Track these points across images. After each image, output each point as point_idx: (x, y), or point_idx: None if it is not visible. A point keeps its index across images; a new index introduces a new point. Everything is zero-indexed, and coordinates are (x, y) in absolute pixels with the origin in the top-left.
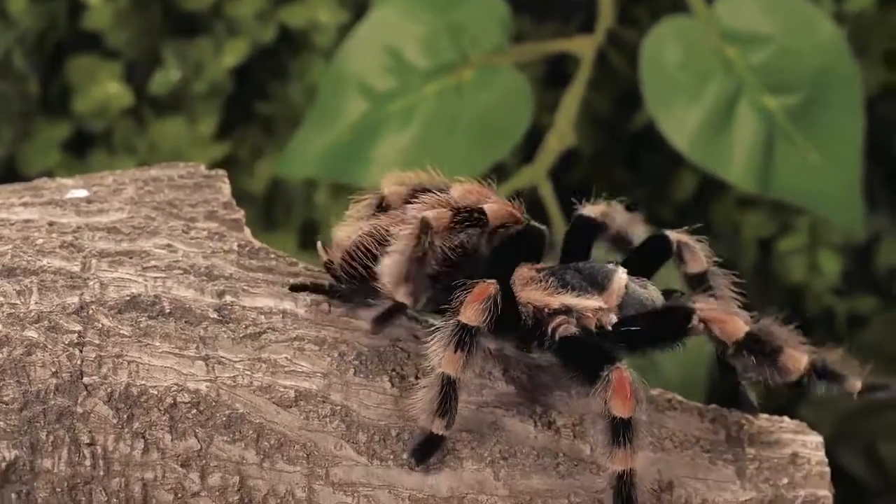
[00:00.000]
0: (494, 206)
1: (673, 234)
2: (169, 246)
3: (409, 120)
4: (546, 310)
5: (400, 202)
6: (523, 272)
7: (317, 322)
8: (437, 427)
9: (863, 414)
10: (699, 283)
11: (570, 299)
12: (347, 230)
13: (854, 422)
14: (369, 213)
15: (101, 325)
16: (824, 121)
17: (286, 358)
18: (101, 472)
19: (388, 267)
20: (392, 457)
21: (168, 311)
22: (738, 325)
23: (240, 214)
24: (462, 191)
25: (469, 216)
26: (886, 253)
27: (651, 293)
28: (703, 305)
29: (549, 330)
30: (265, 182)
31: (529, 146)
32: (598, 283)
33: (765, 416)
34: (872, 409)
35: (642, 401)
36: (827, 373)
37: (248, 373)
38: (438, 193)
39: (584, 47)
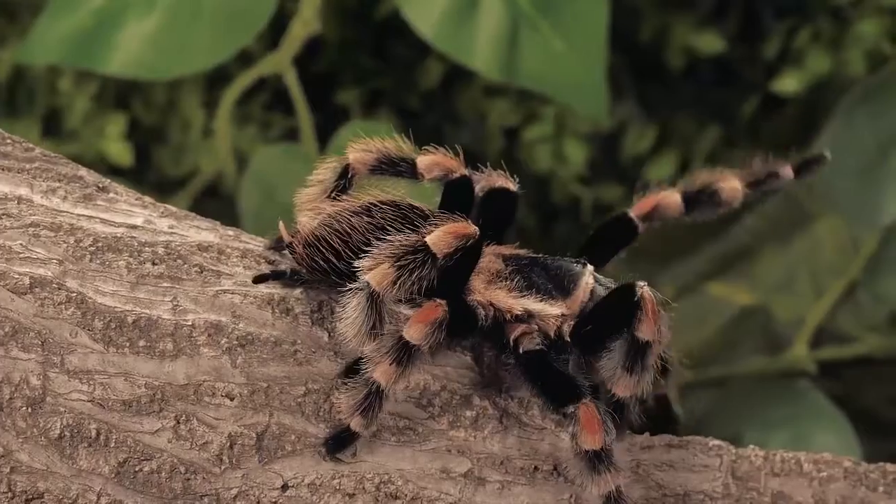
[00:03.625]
0: (437, 234)
1: (634, 213)
2: None
3: (153, 6)
4: (508, 315)
5: (364, 170)
6: (490, 260)
7: (53, 208)
8: (356, 424)
9: None
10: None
11: (532, 304)
12: (310, 195)
13: None
14: (333, 180)
15: None
16: (569, 9)
17: (21, 244)
18: None
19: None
20: (128, 344)
21: None
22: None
23: None
24: (429, 162)
25: (413, 261)
26: (632, 142)
27: None
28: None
29: (511, 340)
30: (8, 69)
31: (275, 33)
32: (563, 287)
33: None
34: None
35: (611, 430)
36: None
37: None
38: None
39: None
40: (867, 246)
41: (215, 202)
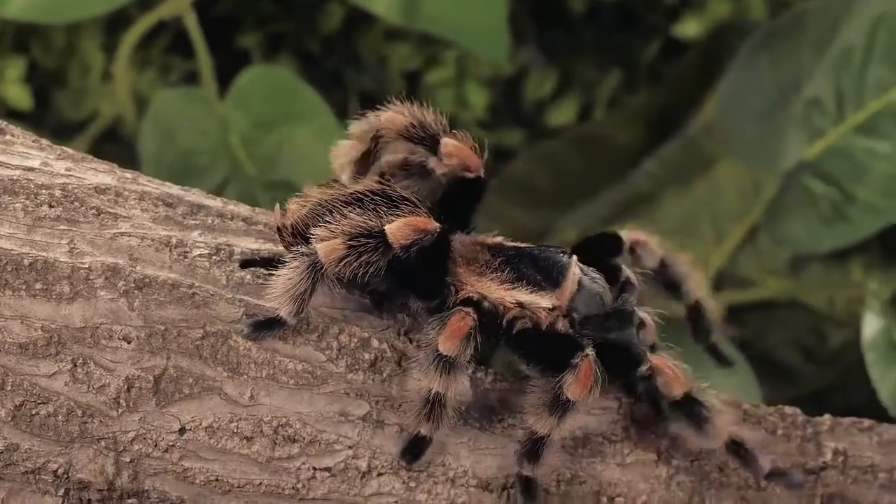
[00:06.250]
0: (397, 224)
1: (625, 234)
2: None
3: None
4: (501, 307)
5: (395, 134)
6: (476, 250)
7: None
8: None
9: None
10: (659, 271)
11: (524, 296)
12: (343, 149)
13: None
14: (366, 141)
15: None
16: None
17: None
18: None
19: (282, 281)
20: (24, 287)
21: None
22: (681, 384)
23: None
24: (451, 149)
25: (366, 245)
26: (533, 86)
27: (600, 286)
28: (654, 358)
29: (505, 322)
30: None
31: None
32: (552, 278)
33: None
34: None
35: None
36: (742, 453)
37: None
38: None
39: None
40: (768, 190)
41: (115, 146)
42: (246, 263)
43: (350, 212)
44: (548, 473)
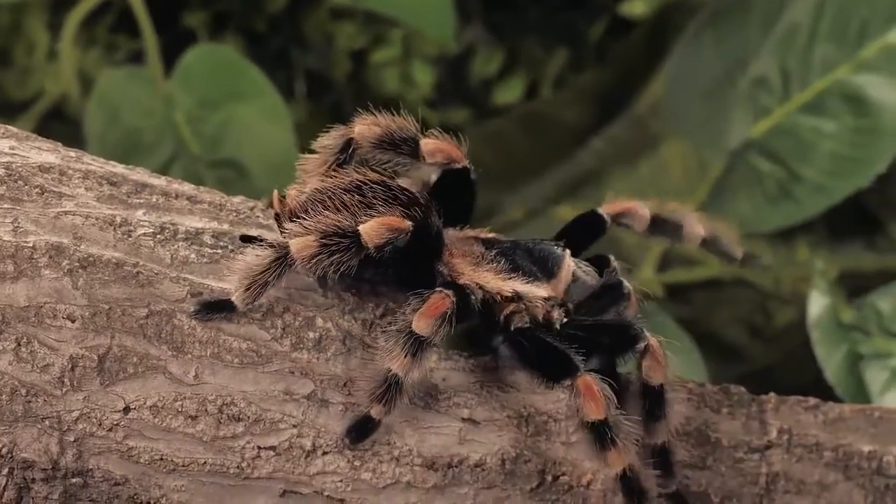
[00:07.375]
0: (371, 224)
1: (605, 209)
2: None
3: None
4: (498, 296)
5: (368, 145)
6: (470, 243)
7: None
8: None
9: None
10: (654, 228)
11: (520, 286)
12: (313, 162)
13: None
14: (336, 152)
15: None
16: None
17: None
18: None
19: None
20: None
21: None
22: (663, 374)
23: None
24: (433, 147)
25: (338, 244)
26: (479, 65)
27: (591, 277)
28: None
29: (502, 317)
30: None
31: None
32: (547, 269)
33: None
34: None
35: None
36: (667, 462)
37: None
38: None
39: None
40: (714, 169)
41: (61, 125)
42: (246, 239)
43: (348, 199)
44: (493, 452)
